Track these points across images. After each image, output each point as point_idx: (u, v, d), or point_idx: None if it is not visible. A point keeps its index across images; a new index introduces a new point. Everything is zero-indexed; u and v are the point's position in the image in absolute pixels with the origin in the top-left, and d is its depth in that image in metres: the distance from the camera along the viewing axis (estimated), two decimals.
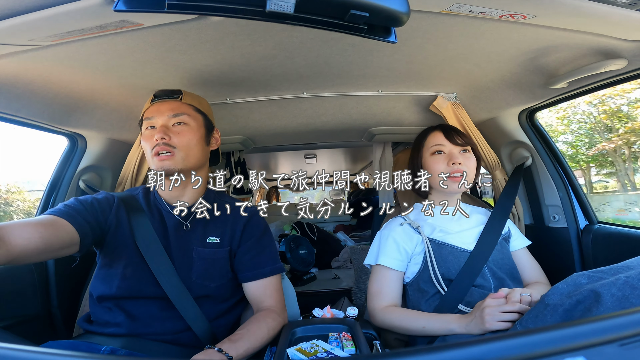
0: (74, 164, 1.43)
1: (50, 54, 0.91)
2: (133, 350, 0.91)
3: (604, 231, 1.31)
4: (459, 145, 1.16)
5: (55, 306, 1.32)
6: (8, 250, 0.75)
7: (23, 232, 0.79)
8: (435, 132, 1.20)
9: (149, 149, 1.01)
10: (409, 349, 0.42)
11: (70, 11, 0.70)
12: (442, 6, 0.79)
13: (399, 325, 1.05)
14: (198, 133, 1.05)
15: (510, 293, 0.89)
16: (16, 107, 1.09)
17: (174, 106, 1.03)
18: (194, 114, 1.06)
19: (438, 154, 1.16)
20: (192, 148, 1.03)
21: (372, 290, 1.14)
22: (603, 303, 0.67)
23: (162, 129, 1.00)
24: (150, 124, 1.03)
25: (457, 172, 1.12)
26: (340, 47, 1.02)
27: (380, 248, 1.16)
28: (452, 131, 1.19)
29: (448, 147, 1.16)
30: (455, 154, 1.15)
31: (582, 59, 1.02)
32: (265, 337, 0.93)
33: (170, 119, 1.02)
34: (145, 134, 1.03)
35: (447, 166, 1.14)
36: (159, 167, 0.99)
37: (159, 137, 0.98)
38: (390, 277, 1.13)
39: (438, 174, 1.14)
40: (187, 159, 1.01)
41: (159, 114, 1.02)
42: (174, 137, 1.00)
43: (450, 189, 1.14)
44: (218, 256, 1.03)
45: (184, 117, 1.03)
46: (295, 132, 1.81)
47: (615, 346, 0.37)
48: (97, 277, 1.01)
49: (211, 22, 0.84)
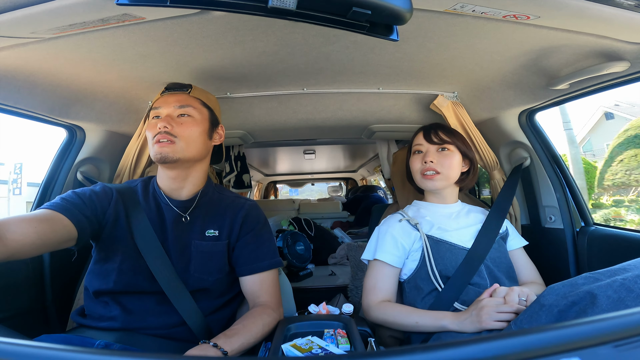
0: (72, 156, 1.43)
1: (52, 47, 0.91)
2: (127, 344, 0.91)
3: (599, 233, 1.31)
4: (435, 144, 1.19)
5: (49, 300, 1.32)
6: (5, 246, 0.75)
7: (19, 228, 0.78)
8: (419, 132, 1.25)
9: (151, 137, 1.02)
10: (404, 348, 0.42)
11: (73, 4, 0.69)
12: (445, 5, 0.78)
13: (393, 320, 1.06)
14: (201, 126, 1.06)
15: (509, 294, 0.90)
16: (16, 99, 1.09)
17: (181, 98, 1.05)
18: (200, 107, 1.07)
19: (418, 154, 1.22)
20: (194, 140, 1.03)
21: (368, 285, 1.15)
22: (599, 305, 0.67)
23: (166, 119, 1.01)
24: (157, 114, 1.05)
25: (428, 170, 1.16)
26: (341, 44, 1.02)
27: (378, 243, 1.17)
28: (432, 130, 1.22)
29: (425, 146, 1.20)
30: (431, 152, 1.18)
31: (585, 60, 1.02)
32: (260, 332, 0.93)
33: (176, 110, 1.04)
34: (151, 123, 1.05)
35: (421, 165, 1.19)
36: (157, 152, 0.99)
37: (161, 126, 1.00)
38: (386, 273, 1.14)
39: (415, 173, 1.21)
40: (187, 149, 1.02)
41: (165, 104, 1.04)
42: (176, 127, 1.01)
43: (425, 186, 1.20)
44: (216, 249, 1.04)
45: (189, 109, 1.04)
46: (294, 127, 1.81)
47: (610, 347, 0.37)
48: (92, 272, 1.00)
49: (213, 17, 0.84)
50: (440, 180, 1.16)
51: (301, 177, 5.81)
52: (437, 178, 1.16)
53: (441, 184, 1.17)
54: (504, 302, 0.89)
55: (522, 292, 0.91)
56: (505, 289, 0.93)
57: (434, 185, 1.17)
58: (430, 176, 1.16)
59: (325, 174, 5.57)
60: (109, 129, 1.47)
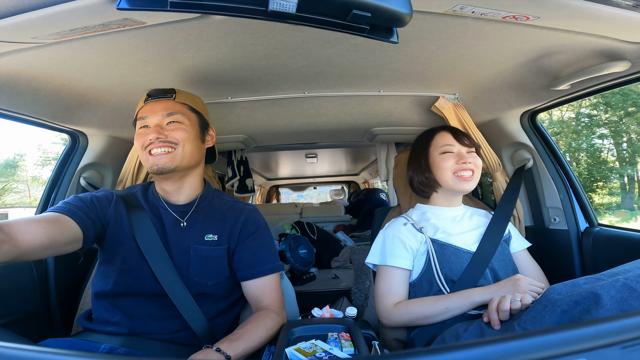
0: (74, 162, 1.43)
1: (53, 52, 0.91)
2: (132, 348, 0.91)
3: (604, 234, 1.31)
4: (466, 146, 1.18)
5: (54, 304, 1.32)
6: (16, 246, 0.75)
7: (29, 228, 0.79)
8: (443, 132, 1.22)
9: (142, 147, 1.01)
10: (408, 351, 0.42)
11: (74, 9, 0.70)
12: (444, 7, 0.78)
13: (420, 314, 1.04)
14: (192, 131, 1.04)
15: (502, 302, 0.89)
16: (18, 104, 1.10)
17: (167, 105, 1.03)
18: (188, 113, 1.05)
19: (448, 154, 1.18)
20: (189, 145, 1.02)
21: (381, 291, 1.12)
22: (602, 305, 0.67)
23: (155, 129, 0.99)
24: (144, 124, 1.02)
25: (467, 171, 1.14)
26: (342, 47, 1.02)
27: (386, 248, 1.15)
28: (459, 132, 1.22)
29: (457, 147, 1.18)
30: (464, 154, 1.17)
31: (585, 60, 1.02)
32: (263, 336, 0.93)
33: (165, 118, 1.02)
34: (139, 133, 1.03)
35: (456, 164, 1.16)
36: (153, 164, 0.99)
37: (153, 137, 0.98)
38: (399, 277, 1.12)
39: (447, 172, 1.16)
40: (184, 156, 1.01)
41: (152, 113, 1.02)
42: (170, 134, 1.00)
43: (459, 188, 1.16)
44: (215, 254, 1.03)
45: (178, 116, 1.03)
46: (296, 131, 1.81)
47: (618, 349, 0.37)
48: (97, 274, 1.01)
49: (213, 21, 0.84)
50: (474, 181, 1.16)
51: (303, 180, 5.80)
52: (473, 179, 1.16)
53: (474, 185, 1.17)
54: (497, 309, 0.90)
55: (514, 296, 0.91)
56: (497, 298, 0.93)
57: (470, 187, 1.16)
58: (469, 177, 1.15)
59: (327, 177, 5.56)
60: (111, 135, 1.48)
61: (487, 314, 0.91)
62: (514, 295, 0.90)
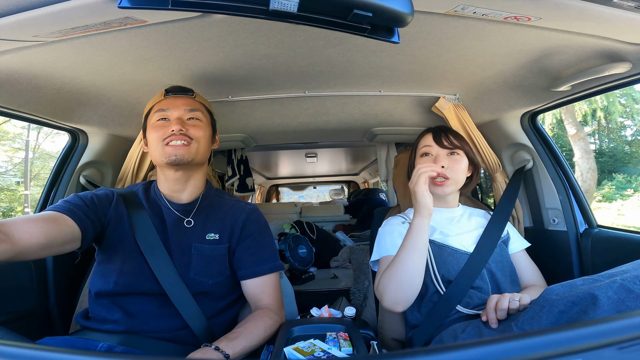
0: (74, 160, 1.43)
1: (54, 50, 0.92)
2: (130, 347, 0.91)
3: (603, 235, 1.31)
4: (446, 148, 1.15)
5: (52, 302, 1.32)
6: (13, 244, 0.75)
7: (26, 227, 0.79)
8: (427, 134, 1.20)
9: (159, 139, 1.01)
10: (406, 351, 0.42)
11: (75, 8, 0.70)
12: (446, 7, 0.78)
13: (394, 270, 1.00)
14: (208, 130, 1.08)
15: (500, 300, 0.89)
16: (19, 102, 1.10)
17: (188, 102, 1.06)
18: (205, 113, 1.09)
19: (426, 156, 1.17)
20: (204, 143, 1.05)
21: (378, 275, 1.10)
22: (600, 306, 0.67)
23: (178, 121, 1.01)
24: (164, 116, 1.04)
25: (439, 177, 1.12)
26: (342, 46, 1.02)
27: (385, 242, 1.14)
28: (442, 133, 1.18)
29: (435, 149, 1.16)
30: (441, 156, 1.14)
31: (586, 61, 1.02)
32: (262, 335, 0.93)
33: (186, 113, 1.05)
34: (157, 124, 1.03)
35: None
36: (171, 154, 0.99)
37: (176, 129, 1.00)
38: None
39: None
40: (198, 152, 1.03)
41: (174, 107, 1.04)
42: (190, 129, 1.02)
43: (433, 192, 1.12)
44: (217, 253, 1.04)
45: (198, 114, 1.06)
46: (296, 131, 1.81)
47: (614, 349, 0.37)
48: (95, 273, 1.01)
49: (214, 20, 0.84)
50: (449, 186, 1.13)
51: (303, 180, 5.81)
52: (447, 184, 1.12)
53: (450, 190, 1.14)
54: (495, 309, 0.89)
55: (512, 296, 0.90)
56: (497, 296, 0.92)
57: (443, 192, 1.14)
58: (441, 182, 1.12)
59: (327, 177, 5.57)
60: (111, 133, 1.48)
61: (485, 313, 0.91)
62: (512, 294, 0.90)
